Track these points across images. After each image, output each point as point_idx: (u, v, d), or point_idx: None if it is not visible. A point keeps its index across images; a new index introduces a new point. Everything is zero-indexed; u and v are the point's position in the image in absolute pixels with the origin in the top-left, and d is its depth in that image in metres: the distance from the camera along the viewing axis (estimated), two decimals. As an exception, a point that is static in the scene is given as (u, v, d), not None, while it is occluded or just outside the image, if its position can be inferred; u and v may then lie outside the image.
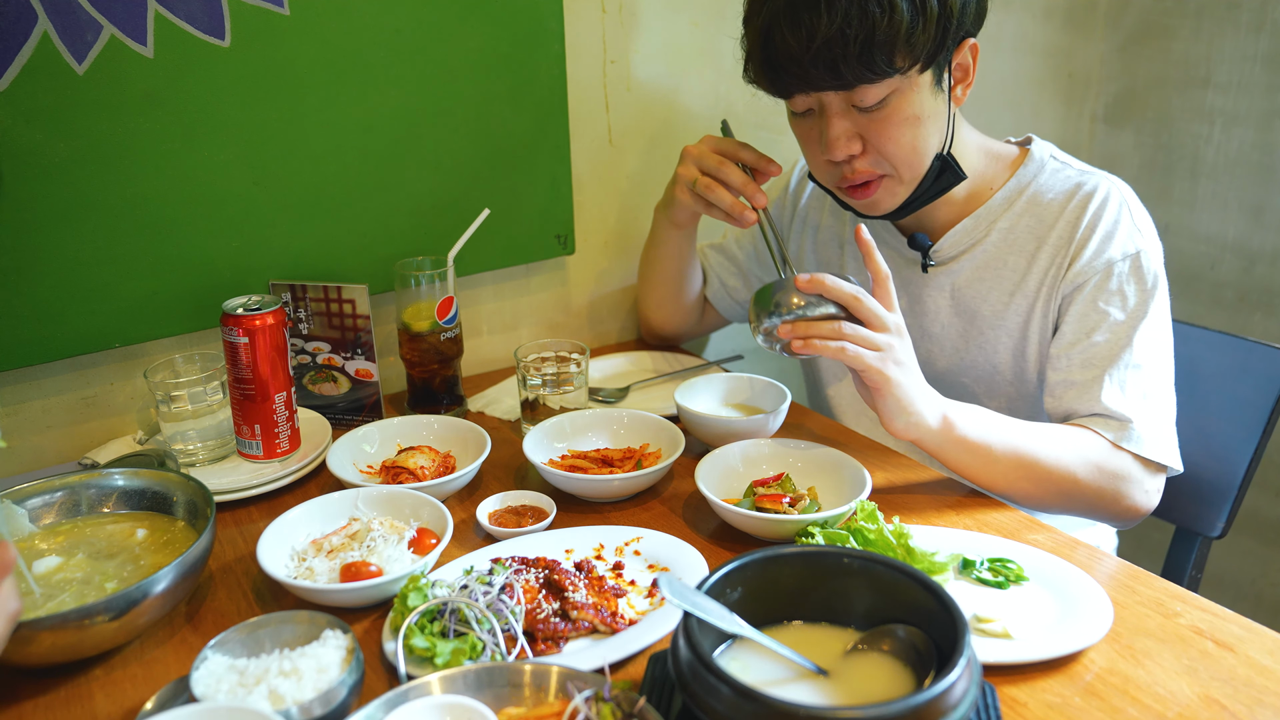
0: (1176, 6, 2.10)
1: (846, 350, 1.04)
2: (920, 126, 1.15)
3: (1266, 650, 0.88)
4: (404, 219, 1.45)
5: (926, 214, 1.29)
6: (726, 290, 1.56)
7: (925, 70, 1.12)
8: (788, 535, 1.03)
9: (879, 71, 1.08)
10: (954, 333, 1.33)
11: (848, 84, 1.10)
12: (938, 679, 0.66)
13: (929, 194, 1.22)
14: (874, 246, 1.09)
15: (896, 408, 1.06)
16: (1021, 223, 1.26)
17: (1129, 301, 1.18)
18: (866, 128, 1.15)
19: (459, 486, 1.17)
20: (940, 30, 1.09)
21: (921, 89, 1.13)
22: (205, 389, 1.22)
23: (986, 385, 1.32)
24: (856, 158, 1.17)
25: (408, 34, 1.37)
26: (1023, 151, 1.30)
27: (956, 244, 1.29)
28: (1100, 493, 1.13)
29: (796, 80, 1.13)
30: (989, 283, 1.28)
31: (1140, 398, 1.15)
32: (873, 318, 1.06)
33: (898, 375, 1.05)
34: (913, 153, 1.16)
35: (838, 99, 1.14)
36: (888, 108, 1.13)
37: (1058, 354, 1.21)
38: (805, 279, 1.06)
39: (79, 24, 1.16)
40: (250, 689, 0.77)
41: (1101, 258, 1.19)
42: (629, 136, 1.65)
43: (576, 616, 0.90)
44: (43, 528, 1.03)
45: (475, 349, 1.59)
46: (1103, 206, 1.21)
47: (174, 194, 1.27)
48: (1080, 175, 1.25)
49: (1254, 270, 2.07)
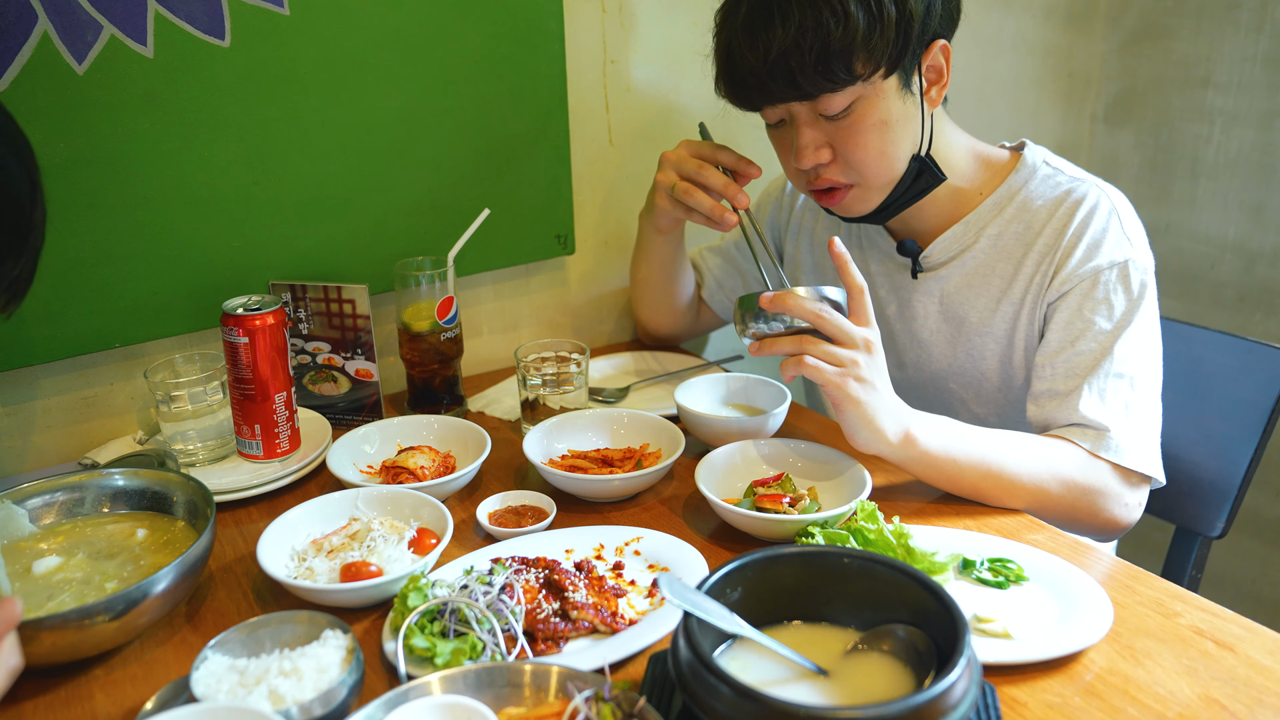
0: (1176, 6, 2.10)
1: (805, 364, 1.05)
2: (889, 131, 1.15)
3: (1266, 650, 0.88)
4: (404, 219, 1.45)
5: (915, 218, 1.28)
6: (724, 291, 1.56)
7: (890, 75, 1.12)
8: (788, 535, 1.03)
9: (838, 80, 1.09)
10: (942, 339, 1.33)
11: (808, 94, 1.11)
12: (938, 679, 0.66)
13: (907, 196, 1.22)
14: (849, 260, 1.09)
15: (857, 423, 1.06)
16: (1010, 229, 1.25)
17: (1115, 310, 1.17)
18: (835, 135, 1.16)
19: (459, 486, 1.17)
20: (900, 35, 1.09)
21: (887, 94, 1.13)
22: (205, 389, 1.22)
23: (975, 391, 1.32)
24: (824, 166, 1.18)
25: (408, 34, 1.37)
26: (1015, 156, 1.29)
27: (945, 250, 1.29)
28: (1073, 505, 1.12)
29: (758, 94, 1.15)
30: (977, 289, 1.28)
31: (1121, 407, 1.14)
32: (838, 333, 1.05)
33: (858, 392, 1.04)
34: (881, 158, 1.16)
35: (805, 109, 1.15)
36: (854, 115, 1.13)
37: (1042, 362, 1.20)
38: (768, 297, 1.06)
39: (79, 24, 1.16)
40: (250, 689, 0.77)
41: (1088, 265, 1.18)
42: (629, 136, 1.65)
43: (576, 616, 0.90)
44: (43, 528, 1.03)
45: (475, 349, 1.59)
46: (1091, 214, 1.20)
47: (174, 194, 1.27)
48: (1071, 182, 1.24)
49: (1254, 270, 2.07)
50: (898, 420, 1.07)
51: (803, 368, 1.05)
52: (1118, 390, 1.15)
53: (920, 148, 1.19)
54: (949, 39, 1.17)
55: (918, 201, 1.24)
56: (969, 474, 1.10)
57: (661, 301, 1.56)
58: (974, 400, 1.33)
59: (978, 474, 1.10)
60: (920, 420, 1.09)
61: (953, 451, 1.09)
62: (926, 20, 1.11)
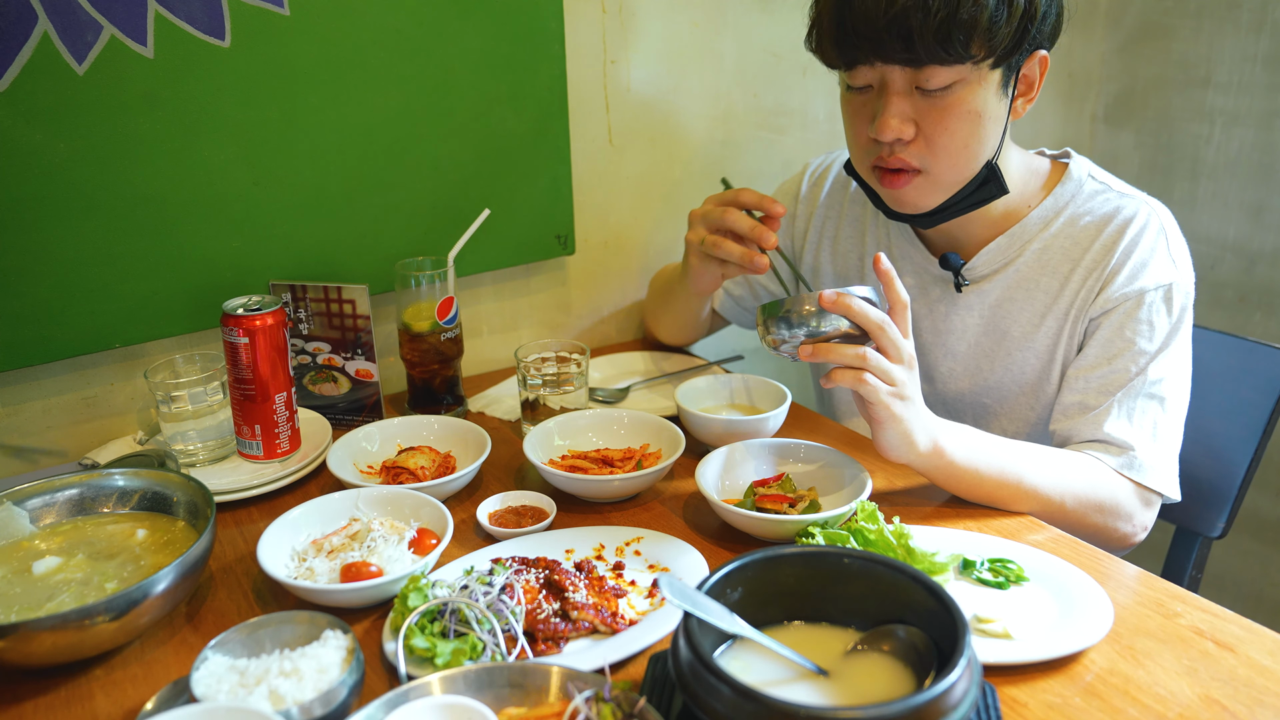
0: (1176, 6, 2.10)
1: (865, 381, 1.02)
2: (980, 124, 1.12)
3: (1266, 650, 0.88)
4: (404, 219, 1.45)
5: (960, 230, 1.26)
6: (733, 299, 1.55)
7: (997, 67, 1.10)
8: (788, 536, 1.03)
9: (953, 53, 1.05)
10: (979, 352, 1.31)
11: (919, 60, 1.07)
12: (938, 679, 0.66)
13: (966, 203, 1.19)
14: (895, 275, 1.06)
15: (894, 439, 1.05)
16: (1056, 244, 1.24)
17: (1156, 332, 1.16)
18: (925, 114, 1.11)
19: (459, 487, 1.17)
20: (1021, 29, 1.07)
21: (989, 86, 1.10)
22: (205, 389, 1.22)
23: (1009, 405, 1.31)
24: (903, 144, 1.13)
25: (408, 34, 1.37)
26: (1059, 167, 1.27)
27: (990, 262, 1.27)
28: (1084, 520, 1.12)
29: (867, 47, 1.08)
30: (1020, 303, 1.26)
31: (1149, 427, 1.15)
32: (892, 348, 1.03)
33: (903, 411, 1.04)
34: (964, 149, 1.13)
35: (902, 77, 1.10)
36: (952, 96, 1.10)
37: (1076, 375, 1.20)
38: (831, 297, 1.02)
39: (79, 24, 1.16)
40: (251, 689, 0.77)
41: (1133, 286, 1.17)
42: (629, 136, 1.65)
43: (577, 617, 0.90)
44: (43, 528, 1.03)
45: (475, 349, 1.59)
46: (1140, 234, 1.19)
47: (174, 194, 1.27)
48: (1120, 199, 1.22)
49: (1254, 270, 2.07)
50: (928, 432, 1.06)
51: (860, 385, 1.02)
52: (1147, 411, 1.15)
53: (995, 155, 1.16)
54: (1049, 51, 1.15)
55: (972, 211, 1.21)
56: (988, 484, 1.10)
57: (683, 330, 1.59)
58: (1005, 414, 1.32)
59: (997, 484, 1.10)
60: (948, 431, 1.09)
61: (977, 462, 1.09)
62: (1042, 24, 1.09)
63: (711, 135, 1.74)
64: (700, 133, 1.73)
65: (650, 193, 1.71)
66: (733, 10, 1.69)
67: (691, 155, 1.73)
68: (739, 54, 1.72)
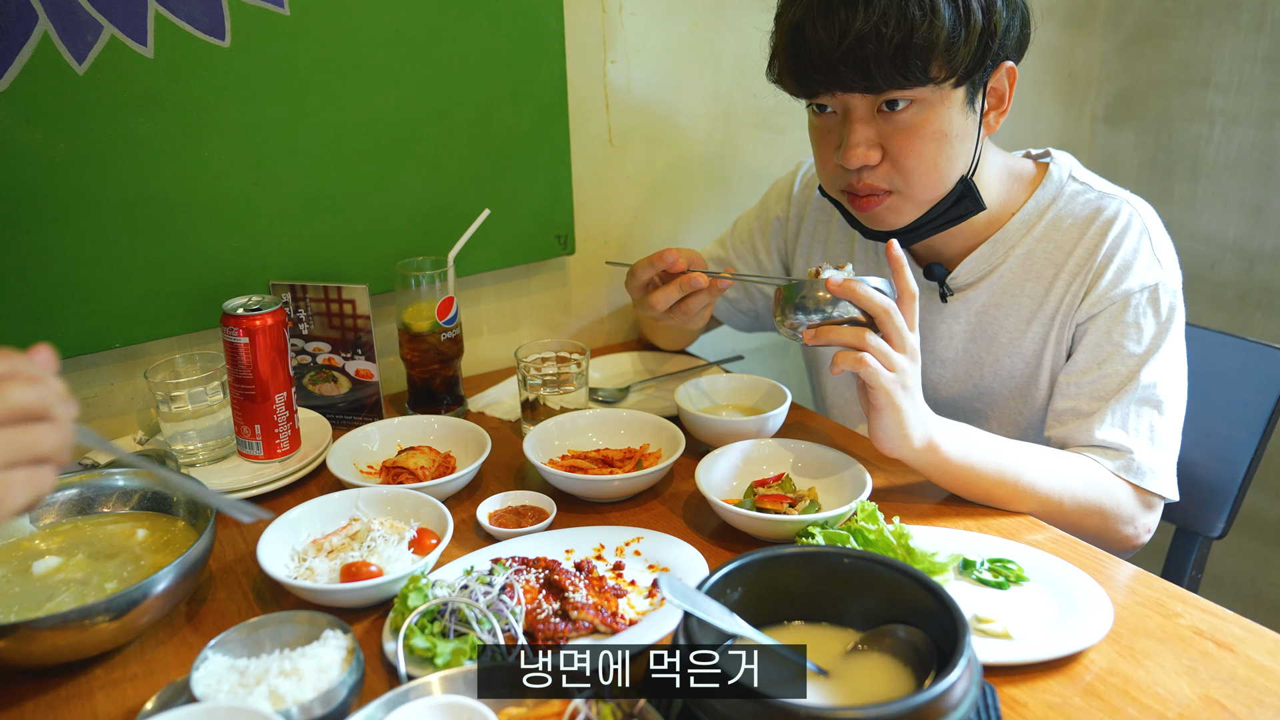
0: (1176, 6, 2.10)
1: (865, 363, 1.02)
2: (946, 144, 1.11)
3: (1266, 650, 0.88)
4: (404, 219, 1.45)
5: (942, 239, 1.25)
6: (728, 302, 1.55)
7: (960, 86, 1.09)
8: (788, 535, 1.03)
9: (912, 78, 1.05)
10: (968, 359, 1.31)
11: (877, 87, 1.07)
12: (938, 679, 0.66)
13: (943, 220, 1.19)
14: (905, 264, 1.05)
15: (891, 429, 1.05)
16: (1039, 248, 1.23)
17: (1144, 334, 1.16)
18: (890, 138, 1.11)
19: (459, 486, 1.17)
20: (982, 46, 1.06)
21: (952, 105, 1.10)
22: (205, 389, 1.22)
23: (999, 409, 1.31)
24: (871, 169, 1.13)
25: (408, 34, 1.37)
26: (1040, 168, 1.26)
27: (974, 270, 1.26)
28: (1083, 522, 1.12)
29: (824, 79, 1.08)
30: (1005, 309, 1.26)
31: (1146, 431, 1.14)
32: (896, 335, 1.03)
33: (903, 400, 1.04)
34: (933, 169, 1.12)
35: (864, 103, 1.10)
36: (916, 118, 1.09)
37: (1067, 381, 1.20)
38: (839, 282, 1.03)
39: (79, 24, 1.16)
40: (251, 689, 0.77)
41: (1119, 289, 1.17)
42: (629, 136, 1.65)
43: (577, 617, 0.90)
44: (43, 528, 1.03)
45: (475, 349, 1.59)
46: (1123, 234, 1.18)
47: (174, 194, 1.27)
48: (1100, 199, 1.21)
49: (1254, 270, 2.07)
50: (924, 426, 1.06)
51: (860, 367, 1.02)
52: (1142, 415, 1.14)
53: (970, 170, 1.16)
54: (1017, 63, 1.14)
55: (950, 228, 1.21)
56: (984, 482, 1.10)
57: (677, 343, 1.62)
58: (996, 418, 1.32)
59: (994, 483, 1.10)
60: (943, 428, 1.09)
61: (972, 460, 1.09)
62: (1004, 38, 1.08)
63: (711, 135, 1.74)
64: (700, 133, 1.73)
65: (650, 193, 1.71)
66: (732, 10, 1.68)
67: (691, 155, 1.73)
68: (739, 54, 1.72)
